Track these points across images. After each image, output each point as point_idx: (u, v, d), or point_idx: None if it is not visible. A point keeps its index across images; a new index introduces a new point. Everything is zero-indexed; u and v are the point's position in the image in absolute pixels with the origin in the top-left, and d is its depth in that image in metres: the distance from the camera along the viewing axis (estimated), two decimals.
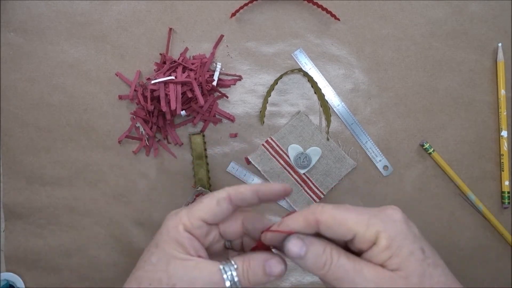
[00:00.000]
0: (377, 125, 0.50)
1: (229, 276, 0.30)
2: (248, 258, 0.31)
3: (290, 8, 0.51)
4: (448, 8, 0.51)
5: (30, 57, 0.50)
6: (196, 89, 0.46)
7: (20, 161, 0.49)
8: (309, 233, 0.30)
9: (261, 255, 0.32)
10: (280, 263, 0.31)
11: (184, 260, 0.31)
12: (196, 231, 0.32)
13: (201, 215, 0.32)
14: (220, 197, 0.32)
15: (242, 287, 0.31)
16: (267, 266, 0.31)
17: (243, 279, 0.31)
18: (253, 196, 0.33)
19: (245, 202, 0.33)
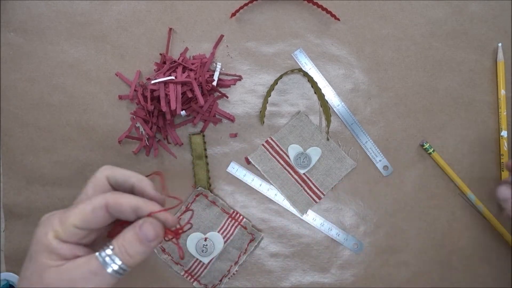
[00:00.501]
0: (377, 125, 0.50)
1: (107, 259, 0.29)
2: (122, 234, 0.30)
3: (290, 8, 0.51)
4: (448, 8, 0.51)
5: (30, 57, 0.50)
6: (196, 89, 0.46)
7: (20, 161, 0.49)
8: None
9: (133, 226, 0.30)
10: (153, 225, 0.30)
11: (58, 266, 0.29)
12: (69, 237, 0.30)
13: (73, 222, 0.30)
14: (97, 205, 0.30)
15: (127, 265, 0.30)
16: (140, 233, 0.30)
17: (122, 256, 0.30)
18: (132, 213, 0.31)
19: (123, 215, 0.31)
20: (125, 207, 0.30)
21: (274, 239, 0.50)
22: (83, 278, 0.29)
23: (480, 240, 0.50)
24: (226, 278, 0.49)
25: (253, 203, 0.50)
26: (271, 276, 0.50)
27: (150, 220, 0.31)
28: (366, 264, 0.50)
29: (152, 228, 0.30)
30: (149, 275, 0.49)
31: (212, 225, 0.49)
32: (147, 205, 0.31)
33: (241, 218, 0.49)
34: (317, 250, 0.50)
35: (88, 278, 0.29)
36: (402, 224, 0.50)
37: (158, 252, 0.49)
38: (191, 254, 0.48)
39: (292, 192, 0.50)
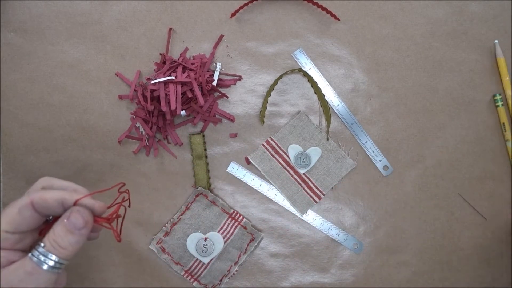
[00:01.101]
0: (377, 125, 0.51)
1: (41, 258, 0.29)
2: (52, 229, 0.30)
3: (290, 8, 0.51)
4: (448, 8, 0.51)
5: (30, 57, 0.50)
6: (196, 89, 0.46)
7: (20, 161, 0.49)
8: None
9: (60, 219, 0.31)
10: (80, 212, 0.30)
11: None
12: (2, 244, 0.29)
13: (4, 228, 0.30)
14: (22, 205, 0.30)
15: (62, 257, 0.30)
16: (68, 224, 0.30)
17: (55, 250, 0.30)
18: (58, 206, 0.31)
19: (50, 211, 0.31)
20: (50, 201, 0.30)
21: (274, 239, 0.50)
22: (20, 281, 0.29)
23: (480, 240, 0.50)
24: (226, 278, 0.49)
25: (253, 203, 0.50)
26: (271, 276, 0.50)
27: (77, 209, 0.31)
28: (366, 264, 0.50)
29: (79, 215, 0.31)
30: (149, 275, 0.49)
31: (212, 225, 0.49)
32: (71, 196, 0.31)
33: (241, 218, 0.49)
34: (317, 250, 0.50)
35: (25, 279, 0.29)
36: (402, 224, 0.50)
37: (158, 252, 0.49)
38: (191, 254, 0.48)
39: (292, 192, 0.50)
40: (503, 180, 0.50)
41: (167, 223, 0.49)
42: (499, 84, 0.51)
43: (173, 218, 0.49)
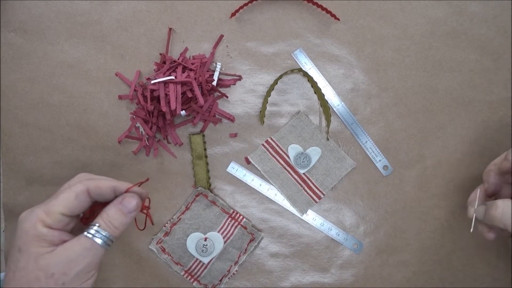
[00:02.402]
0: (377, 125, 0.51)
1: (96, 234, 0.34)
2: (105, 211, 0.36)
3: (290, 8, 0.51)
4: (448, 8, 0.51)
5: (30, 57, 0.50)
6: (196, 89, 0.46)
7: (20, 161, 0.49)
8: None
9: (113, 203, 0.36)
10: (132, 197, 0.36)
11: (51, 251, 0.33)
12: (56, 225, 0.34)
13: (60, 210, 0.34)
14: (79, 191, 0.35)
15: (114, 235, 0.35)
16: (122, 207, 0.36)
17: (109, 229, 0.35)
18: (110, 193, 0.36)
19: (102, 197, 0.36)
20: (104, 188, 0.35)
21: (274, 239, 0.50)
22: (79, 255, 0.33)
23: (480, 240, 0.50)
24: (226, 278, 0.49)
25: (253, 203, 0.50)
26: (271, 276, 0.50)
27: (130, 194, 0.36)
28: (366, 264, 0.50)
29: (132, 200, 0.36)
30: (149, 275, 0.49)
31: (212, 225, 0.49)
32: (122, 184, 0.37)
33: (241, 218, 0.49)
34: (317, 250, 0.50)
35: (84, 254, 0.34)
36: (402, 224, 0.50)
37: (158, 252, 0.49)
38: (191, 254, 0.48)
39: (292, 192, 0.50)
40: None
41: (167, 223, 0.49)
42: (499, 84, 0.51)
43: (173, 218, 0.49)
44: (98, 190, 0.35)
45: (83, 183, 0.35)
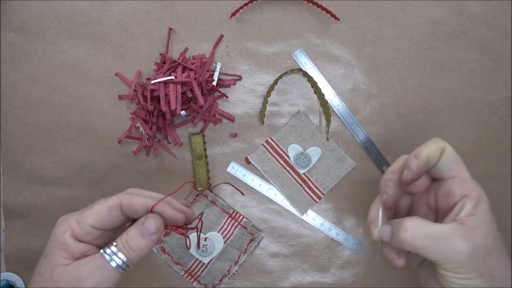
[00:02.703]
0: (377, 125, 0.50)
1: (111, 254, 0.32)
2: (126, 232, 0.33)
3: (290, 8, 0.51)
4: (448, 8, 0.51)
5: (30, 57, 0.50)
6: (196, 89, 0.46)
7: (20, 161, 0.49)
8: None
9: (135, 223, 0.33)
10: (154, 219, 0.33)
11: (67, 265, 0.31)
12: (85, 236, 0.32)
13: (91, 222, 0.32)
14: (112, 204, 0.32)
15: (130, 259, 0.32)
16: (143, 229, 0.32)
17: (125, 250, 0.32)
18: (144, 211, 0.33)
19: (136, 214, 0.33)
20: (137, 206, 0.33)
21: (274, 239, 0.50)
22: (89, 273, 0.31)
23: None
24: (226, 278, 0.49)
25: (253, 203, 0.50)
26: (271, 276, 0.50)
27: (152, 215, 0.33)
28: (366, 264, 0.50)
29: (153, 222, 0.33)
30: (149, 275, 0.49)
31: (212, 225, 0.49)
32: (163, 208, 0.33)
33: (241, 218, 0.49)
34: (317, 250, 0.50)
35: (94, 272, 0.31)
36: None
37: (158, 252, 0.49)
38: (191, 254, 0.48)
39: (292, 192, 0.50)
40: (503, 180, 0.50)
41: None
42: (499, 84, 0.51)
43: None
44: (132, 206, 0.33)
45: (119, 197, 0.33)
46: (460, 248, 0.31)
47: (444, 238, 0.31)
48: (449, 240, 0.31)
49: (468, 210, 0.32)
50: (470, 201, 0.33)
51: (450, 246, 0.31)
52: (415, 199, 0.39)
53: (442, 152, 0.34)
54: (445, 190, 0.35)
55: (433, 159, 0.34)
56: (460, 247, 0.31)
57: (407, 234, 0.32)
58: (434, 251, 0.31)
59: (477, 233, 0.31)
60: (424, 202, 0.38)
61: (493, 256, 0.32)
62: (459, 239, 0.31)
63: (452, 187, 0.34)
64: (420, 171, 0.34)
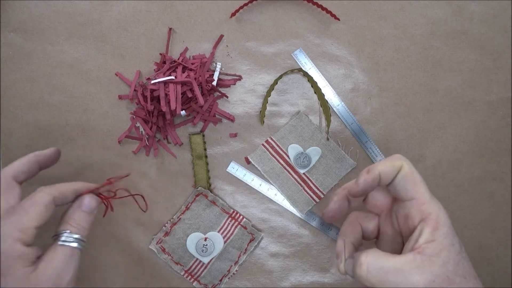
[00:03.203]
0: (377, 125, 0.51)
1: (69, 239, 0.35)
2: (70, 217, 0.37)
3: (290, 8, 0.51)
4: (448, 8, 0.51)
5: (30, 57, 0.50)
6: (196, 89, 0.46)
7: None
8: None
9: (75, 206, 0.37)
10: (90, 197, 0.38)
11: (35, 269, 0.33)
12: (32, 240, 0.34)
13: (34, 225, 0.34)
14: (47, 201, 0.35)
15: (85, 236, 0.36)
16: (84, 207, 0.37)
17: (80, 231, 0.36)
18: (73, 196, 0.37)
19: (66, 201, 0.37)
20: (67, 193, 0.37)
21: (274, 239, 0.50)
22: (66, 264, 0.34)
23: (480, 240, 0.50)
24: (226, 278, 0.49)
25: (253, 203, 0.50)
26: (271, 276, 0.50)
27: (88, 195, 0.38)
28: None
29: (92, 199, 0.38)
30: (149, 275, 0.49)
31: (212, 225, 0.49)
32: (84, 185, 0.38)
33: (241, 218, 0.49)
34: (317, 250, 0.50)
35: (69, 262, 0.34)
36: None
37: (158, 252, 0.49)
38: (191, 254, 0.48)
39: (292, 192, 0.50)
40: (503, 180, 0.50)
41: (167, 223, 0.49)
42: (499, 84, 0.51)
43: (173, 218, 0.49)
44: (63, 196, 0.36)
45: (46, 192, 0.35)
46: (416, 281, 0.29)
47: (399, 271, 0.30)
48: (405, 273, 0.30)
49: (426, 237, 0.31)
50: (428, 226, 0.31)
51: (406, 280, 0.30)
52: (381, 220, 0.38)
53: (399, 171, 0.33)
54: (404, 213, 0.34)
55: (386, 176, 0.33)
56: (416, 280, 0.29)
57: (361, 270, 0.31)
58: (390, 285, 0.30)
59: (436, 261, 0.30)
60: (389, 224, 0.37)
61: (454, 283, 0.30)
62: (415, 271, 0.30)
63: (410, 210, 0.33)
64: (366, 186, 0.34)
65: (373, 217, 0.38)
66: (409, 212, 0.33)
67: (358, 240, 0.37)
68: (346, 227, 0.38)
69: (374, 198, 0.38)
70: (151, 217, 0.49)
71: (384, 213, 0.38)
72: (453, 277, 0.30)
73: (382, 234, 0.38)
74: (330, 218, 0.37)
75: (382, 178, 0.33)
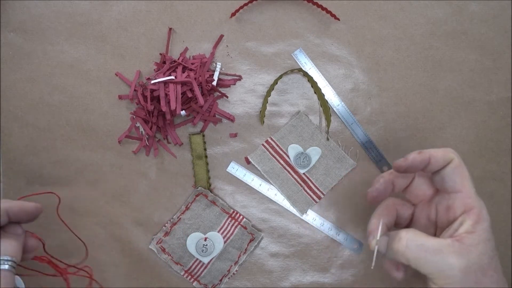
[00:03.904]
0: (377, 125, 0.51)
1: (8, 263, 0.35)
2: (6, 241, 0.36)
3: (290, 8, 0.51)
4: (448, 8, 0.51)
5: (30, 57, 0.50)
6: (196, 89, 0.46)
7: (20, 161, 0.49)
8: None
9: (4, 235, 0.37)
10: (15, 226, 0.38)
11: None
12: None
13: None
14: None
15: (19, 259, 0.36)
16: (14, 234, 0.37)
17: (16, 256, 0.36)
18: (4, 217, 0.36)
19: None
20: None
21: (274, 239, 0.50)
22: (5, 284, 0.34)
23: None
24: (226, 278, 0.49)
25: (253, 203, 0.50)
26: (271, 276, 0.50)
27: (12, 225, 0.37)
28: (366, 264, 0.50)
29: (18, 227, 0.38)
30: (149, 275, 0.49)
31: (212, 225, 0.49)
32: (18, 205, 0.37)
33: (241, 218, 0.49)
34: (317, 250, 0.50)
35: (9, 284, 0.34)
36: None
37: (158, 252, 0.49)
38: (191, 254, 0.48)
39: (292, 192, 0.50)
40: (503, 180, 0.50)
41: (167, 223, 0.49)
42: (499, 84, 0.51)
43: (173, 218, 0.49)
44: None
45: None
46: (453, 263, 0.31)
47: (438, 251, 0.31)
48: (443, 254, 0.31)
49: (467, 227, 0.32)
50: (470, 218, 0.33)
51: (443, 260, 0.31)
52: (417, 210, 0.39)
53: (449, 162, 0.34)
54: (446, 204, 0.35)
55: (435, 162, 0.34)
56: (453, 263, 0.31)
57: (400, 244, 0.32)
58: (426, 263, 0.32)
59: (473, 251, 0.31)
60: (425, 214, 0.38)
61: (486, 275, 0.31)
62: (453, 255, 0.31)
63: (454, 202, 0.34)
64: (414, 164, 0.35)
65: (410, 206, 0.40)
66: (453, 203, 0.34)
67: (391, 223, 0.38)
68: (383, 209, 0.38)
69: (417, 187, 0.39)
70: (151, 217, 0.49)
71: (422, 203, 0.39)
72: (487, 269, 0.31)
73: (414, 222, 0.39)
74: (373, 197, 0.38)
75: (431, 163, 0.34)
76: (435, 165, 0.35)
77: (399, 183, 0.39)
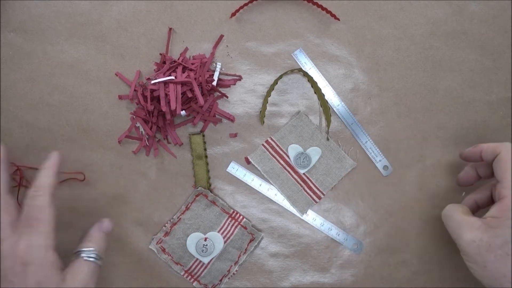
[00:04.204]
0: (377, 125, 0.51)
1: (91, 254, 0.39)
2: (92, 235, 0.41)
3: (290, 8, 0.51)
4: (448, 8, 0.51)
5: (30, 57, 0.50)
6: (196, 89, 0.46)
7: (20, 161, 0.49)
8: None
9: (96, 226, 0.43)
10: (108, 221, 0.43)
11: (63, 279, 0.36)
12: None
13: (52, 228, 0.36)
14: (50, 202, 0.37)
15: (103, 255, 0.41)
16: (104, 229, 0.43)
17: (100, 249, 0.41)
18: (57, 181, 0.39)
19: None
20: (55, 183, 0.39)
21: (274, 239, 0.50)
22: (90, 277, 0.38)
23: None
24: (226, 278, 0.49)
25: (253, 203, 0.50)
26: (271, 276, 0.50)
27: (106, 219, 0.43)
28: (366, 264, 0.50)
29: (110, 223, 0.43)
30: (149, 275, 0.49)
31: (212, 225, 0.49)
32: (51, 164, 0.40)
33: (241, 218, 0.49)
34: (317, 250, 0.50)
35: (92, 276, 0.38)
36: (402, 224, 0.50)
37: (158, 252, 0.49)
38: (191, 254, 0.48)
39: (292, 192, 0.50)
40: None
41: (167, 223, 0.49)
42: (499, 84, 0.51)
43: (173, 218, 0.49)
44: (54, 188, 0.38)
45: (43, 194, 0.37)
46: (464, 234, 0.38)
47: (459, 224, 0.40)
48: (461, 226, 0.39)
49: (493, 212, 0.38)
50: (498, 205, 0.38)
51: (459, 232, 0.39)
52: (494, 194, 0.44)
53: (497, 155, 0.40)
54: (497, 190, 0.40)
55: (485, 155, 0.41)
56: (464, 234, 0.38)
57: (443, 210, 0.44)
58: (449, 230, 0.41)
59: (489, 231, 0.36)
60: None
61: (493, 253, 0.36)
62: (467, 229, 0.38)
63: (497, 189, 0.39)
64: (468, 156, 0.44)
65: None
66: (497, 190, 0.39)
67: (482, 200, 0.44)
68: (482, 188, 0.44)
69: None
70: (151, 217, 0.49)
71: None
72: (495, 248, 0.35)
73: None
74: (462, 182, 0.46)
75: (482, 155, 0.41)
76: (485, 156, 0.41)
77: (480, 171, 0.45)
